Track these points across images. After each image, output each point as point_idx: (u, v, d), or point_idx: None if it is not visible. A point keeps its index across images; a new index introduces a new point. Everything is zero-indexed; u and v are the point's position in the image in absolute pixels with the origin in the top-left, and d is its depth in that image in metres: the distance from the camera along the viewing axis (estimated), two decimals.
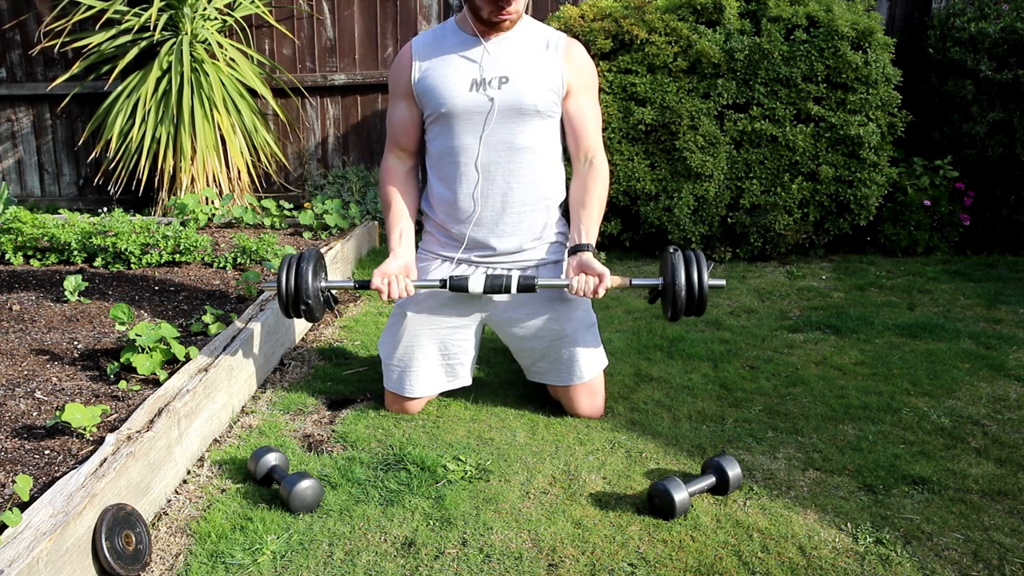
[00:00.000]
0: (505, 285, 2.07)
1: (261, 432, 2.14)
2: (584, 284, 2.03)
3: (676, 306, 2.03)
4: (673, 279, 2.02)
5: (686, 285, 2.01)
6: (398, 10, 4.82)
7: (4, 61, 5.09)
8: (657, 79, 3.81)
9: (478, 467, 1.94)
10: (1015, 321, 3.02)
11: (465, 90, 2.07)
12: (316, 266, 2.11)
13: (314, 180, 5.03)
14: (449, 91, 2.07)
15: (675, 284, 2.01)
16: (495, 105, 2.07)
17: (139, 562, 1.54)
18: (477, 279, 2.08)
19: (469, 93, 2.07)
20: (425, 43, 2.15)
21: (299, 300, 2.08)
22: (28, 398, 2.03)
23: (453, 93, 2.07)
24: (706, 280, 2.01)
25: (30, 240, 3.44)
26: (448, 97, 2.07)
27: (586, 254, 2.10)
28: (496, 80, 2.07)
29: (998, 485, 1.84)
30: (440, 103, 2.08)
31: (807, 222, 3.89)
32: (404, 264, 2.13)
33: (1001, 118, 3.91)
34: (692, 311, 2.04)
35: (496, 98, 2.06)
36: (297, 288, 2.07)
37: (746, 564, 1.57)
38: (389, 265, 2.11)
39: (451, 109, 2.08)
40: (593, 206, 2.16)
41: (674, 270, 2.02)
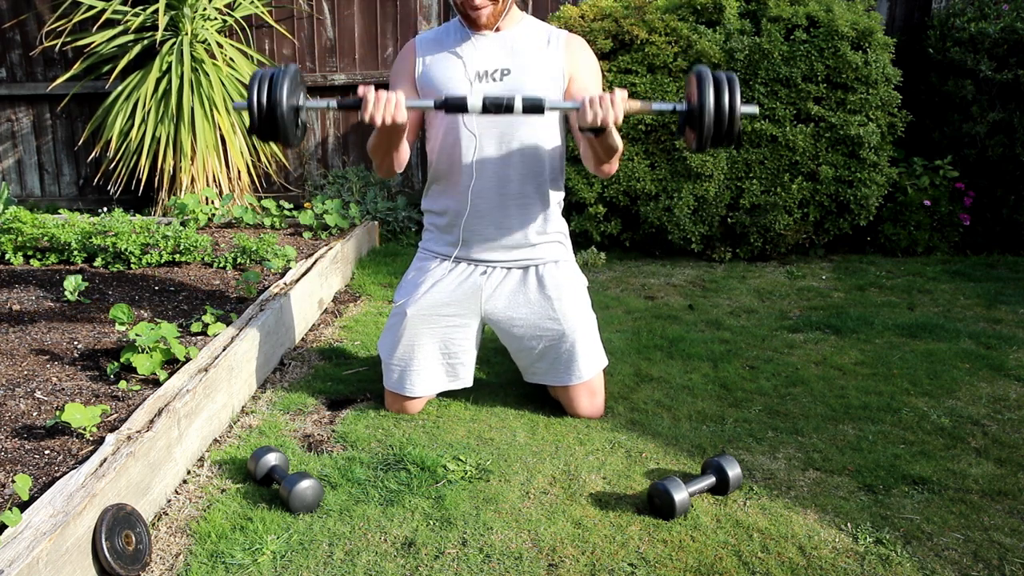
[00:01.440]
0: (507, 104, 1.83)
1: (261, 432, 2.14)
2: (598, 103, 1.80)
3: (703, 134, 1.77)
4: (701, 102, 1.75)
5: (715, 109, 1.74)
6: (398, 10, 4.82)
7: (4, 61, 5.09)
8: (657, 79, 3.81)
9: (478, 467, 1.94)
10: (1015, 321, 3.02)
11: (466, 83, 2.09)
12: (292, 82, 1.85)
13: (314, 180, 5.03)
14: (450, 83, 2.09)
15: (703, 107, 1.75)
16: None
17: (139, 562, 1.54)
18: (476, 95, 1.85)
19: (470, 85, 2.08)
20: (428, 39, 2.17)
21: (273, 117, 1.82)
22: (28, 398, 2.03)
23: (454, 86, 2.09)
24: (738, 104, 1.75)
25: (30, 240, 3.44)
26: (449, 89, 2.09)
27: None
28: (498, 72, 2.09)
29: (998, 485, 1.84)
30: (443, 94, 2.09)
31: (807, 222, 3.89)
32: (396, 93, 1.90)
33: (1001, 118, 3.91)
34: (721, 140, 1.79)
35: (497, 90, 2.08)
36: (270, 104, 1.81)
37: (746, 564, 1.57)
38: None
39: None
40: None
41: (701, 92, 1.75)
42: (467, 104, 1.84)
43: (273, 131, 1.84)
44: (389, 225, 4.50)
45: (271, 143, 4.67)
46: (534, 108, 1.83)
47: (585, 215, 3.98)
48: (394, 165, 2.13)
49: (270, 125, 1.83)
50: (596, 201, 3.94)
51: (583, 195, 3.90)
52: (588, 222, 3.99)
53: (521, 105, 1.82)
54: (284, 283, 2.93)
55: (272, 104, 1.80)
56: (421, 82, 2.15)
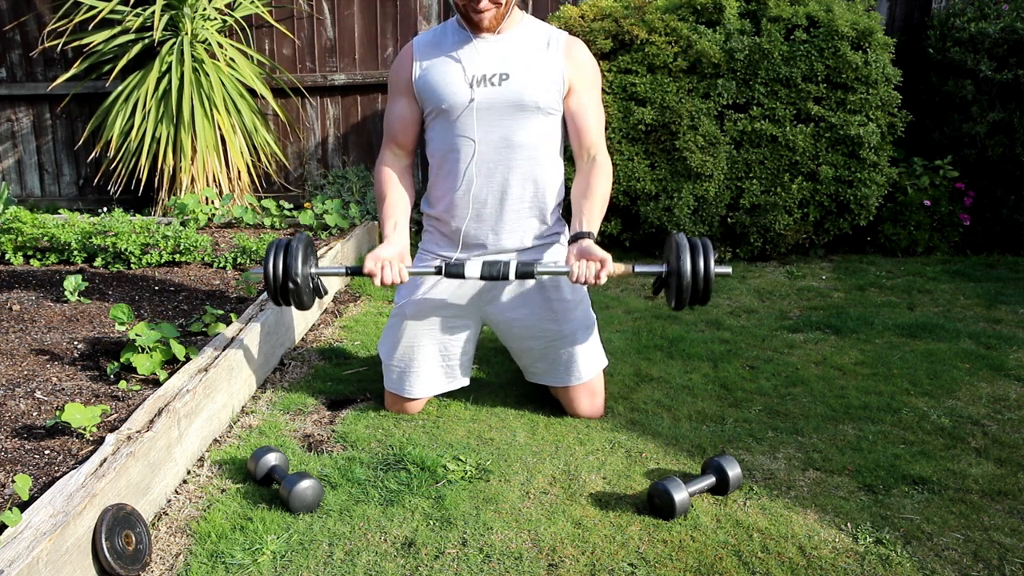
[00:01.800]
0: (503, 272, 1.98)
1: (261, 432, 2.14)
2: (585, 270, 1.94)
3: (681, 295, 1.92)
4: (679, 267, 1.90)
5: (691, 273, 1.89)
6: (398, 10, 4.82)
7: (4, 61, 5.09)
8: (657, 79, 3.81)
9: (478, 467, 1.94)
10: (1015, 321, 3.02)
11: (465, 87, 2.07)
12: (305, 251, 2.03)
13: (314, 180, 5.03)
14: (449, 88, 2.08)
15: (680, 272, 1.89)
16: (495, 102, 2.07)
17: (139, 562, 1.54)
18: (474, 265, 1.99)
19: (469, 90, 2.07)
20: (426, 42, 2.16)
21: (287, 286, 1.99)
22: (28, 398, 2.03)
23: (453, 90, 2.08)
24: (712, 268, 1.90)
25: (30, 240, 3.44)
26: (448, 94, 2.08)
27: (587, 241, 2.02)
28: (496, 76, 2.07)
29: (998, 485, 1.84)
30: (440, 100, 2.09)
31: (807, 222, 3.89)
32: (398, 251, 2.07)
33: (1001, 118, 3.91)
34: (697, 300, 1.93)
35: (496, 95, 2.07)
36: (285, 274, 1.97)
37: (746, 564, 1.57)
38: (383, 250, 2.04)
39: (451, 106, 2.08)
40: (596, 198, 2.10)
41: (679, 257, 1.90)
42: (464, 272, 2.00)
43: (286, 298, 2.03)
44: None
45: (271, 144, 4.67)
46: (526, 275, 2.00)
47: None
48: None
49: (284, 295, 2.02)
50: None
51: None
52: None
53: (515, 272, 1.99)
54: None
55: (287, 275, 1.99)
56: (419, 87, 2.13)
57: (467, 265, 2.00)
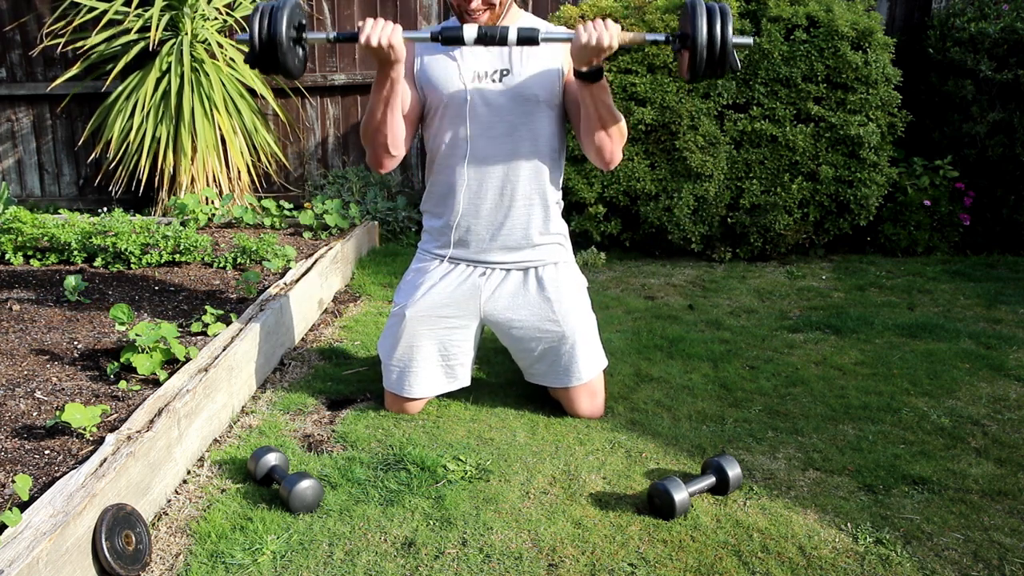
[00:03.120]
0: (501, 35, 1.88)
1: (261, 432, 2.14)
2: (592, 29, 1.84)
3: (696, 63, 1.81)
4: (694, 32, 1.79)
5: (708, 38, 1.79)
6: (398, 10, 4.82)
7: (4, 61, 5.09)
8: (657, 79, 3.81)
9: (478, 467, 1.94)
10: (1015, 321, 3.02)
11: (466, 82, 2.08)
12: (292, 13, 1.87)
13: (314, 180, 5.04)
14: (449, 85, 2.09)
15: (696, 36, 1.79)
16: (496, 97, 2.08)
17: (139, 562, 1.54)
18: (470, 29, 1.88)
19: (469, 85, 2.08)
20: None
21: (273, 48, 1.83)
22: (28, 398, 2.03)
23: (453, 86, 2.09)
24: (730, 35, 1.79)
25: (30, 240, 3.44)
26: (448, 90, 2.09)
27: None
28: (497, 73, 2.09)
29: (998, 485, 1.84)
30: (440, 95, 2.10)
31: (807, 222, 3.89)
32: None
33: (1001, 118, 3.91)
34: (714, 70, 1.83)
35: (497, 91, 2.08)
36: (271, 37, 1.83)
37: (746, 564, 1.57)
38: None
39: (451, 102, 2.09)
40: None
41: (694, 22, 1.79)
42: (463, 36, 1.88)
43: (273, 61, 1.85)
44: (389, 225, 4.50)
45: (271, 144, 4.67)
46: (529, 39, 1.88)
47: (585, 215, 3.98)
48: (388, 144, 2.05)
49: (270, 55, 1.84)
50: (596, 201, 3.94)
51: (583, 195, 3.91)
52: (588, 222, 3.99)
53: (515, 36, 1.87)
54: (284, 283, 2.93)
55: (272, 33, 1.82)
56: (420, 80, 2.15)
57: (465, 29, 1.89)
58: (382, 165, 2.13)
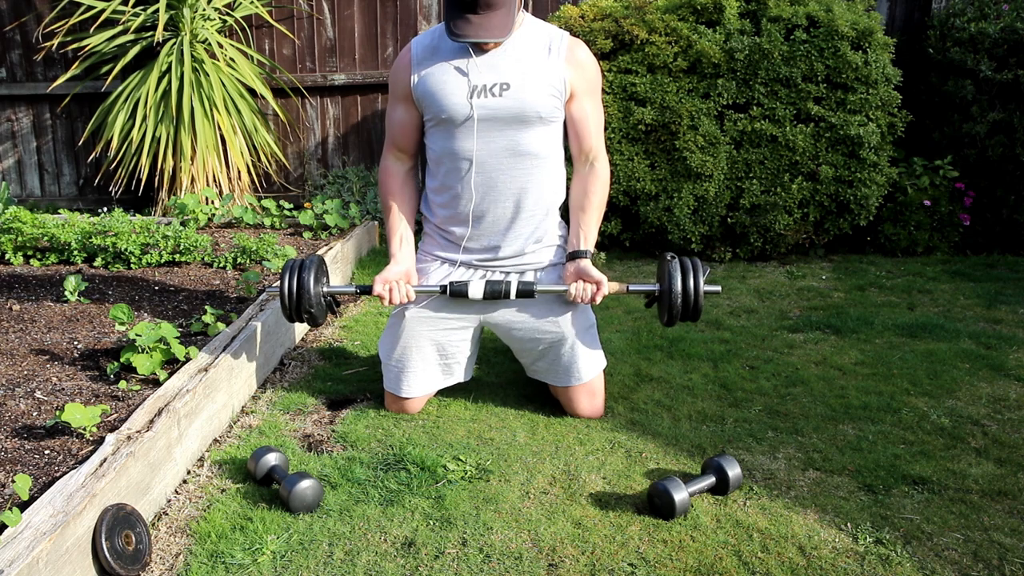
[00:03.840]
0: (504, 291, 2.11)
1: (261, 432, 2.14)
2: (582, 291, 2.09)
3: (672, 312, 2.08)
4: (670, 286, 2.07)
5: (682, 292, 2.06)
6: (398, 10, 4.82)
7: (4, 61, 5.09)
8: (657, 79, 3.81)
9: (478, 467, 1.94)
10: (1015, 321, 3.02)
11: (464, 97, 2.04)
12: (318, 272, 2.16)
13: (314, 180, 5.03)
14: (448, 98, 2.05)
15: (671, 291, 2.06)
16: (496, 112, 2.05)
17: (139, 562, 1.54)
18: (476, 286, 2.12)
19: (469, 100, 2.04)
20: (424, 46, 2.12)
21: (302, 307, 2.13)
22: (28, 398, 2.03)
23: (453, 100, 2.05)
24: (702, 287, 2.06)
25: (30, 240, 3.44)
26: (447, 104, 2.05)
27: (584, 260, 2.13)
28: (497, 87, 2.04)
29: (998, 485, 1.84)
30: (440, 110, 2.07)
31: (807, 222, 3.89)
32: (405, 270, 2.17)
33: (1001, 118, 3.91)
34: (687, 317, 2.09)
35: (497, 105, 2.04)
36: (299, 295, 2.12)
37: (746, 564, 1.57)
38: (390, 271, 2.14)
39: (451, 116, 2.06)
40: (592, 210, 2.17)
41: (670, 277, 2.07)
42: (468, 293, 2.12)
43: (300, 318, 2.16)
44: None
45: (271, 144, 4.67)
46: (526, 294, 2.12)
47: None
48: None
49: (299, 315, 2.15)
50: None
51: None
52: None
53: (515, 291, 2.11)
54: None
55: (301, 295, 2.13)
56: (417, 94, 2.10)
57: (471, 286, 2.11)
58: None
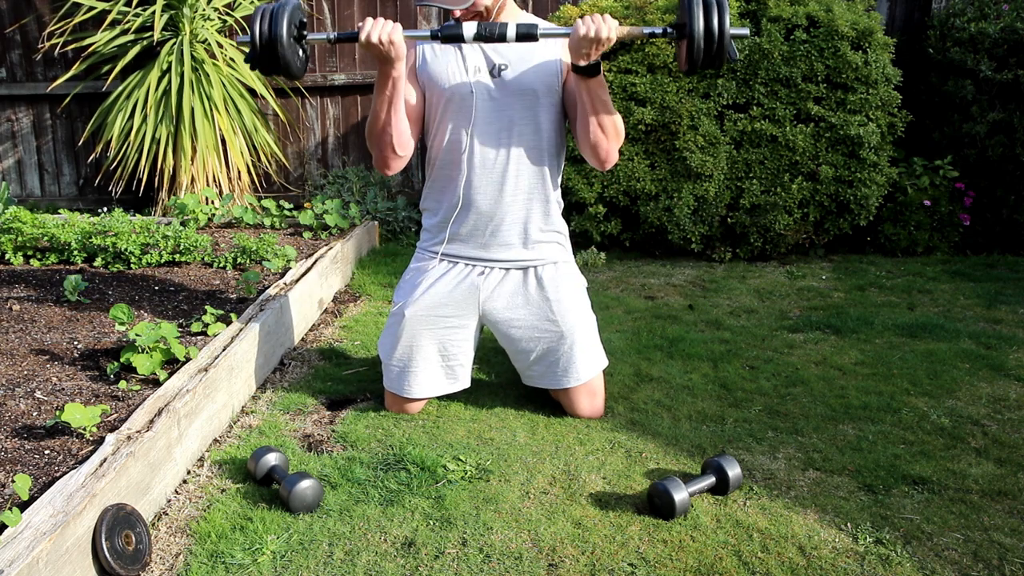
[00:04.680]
0: (499, 32, 1.91)
1: (261, 432, 2.14)
2: (589, 22, 1.87)
3: (693, 54, 1.83)
4: (691, 23, 1.81)
5: (705, 31, 1.80)
6: (398, 10, 4.82)
7: (4, 61, 5.09)
8: (657, 79, 3.81)
9: (478, 467, 1.94)
10: (1015, 321, 3.02)
11: (465, 78, 2.11)
12: (292, 13, 1.89)
13: (314, 180, 5.03)
14: (450, 79, 2.11)
15: (693, 28, 1.81)
16: (495, 92, 2.10)
17: (139, 562, 1.54)
18: (469, 26, 1.91)
19: (469, 80, 2.11)
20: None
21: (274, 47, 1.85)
22: (28, 398, 2.03)
23: (454, 82, 2.11)
24: (728, 26, 1.81)
25: (30, 240, 3.44)
26: (449, 85, 2.11)
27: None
28: (496, 67, 2.12)
29: (998, 485, 1.84)
30: (442, 91, 2.12)
31: (807, 222, 3.89)
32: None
33: (1001, 118, 3.91)
34: (711, 61, 1.84)
35: (496, 85, 2.11)
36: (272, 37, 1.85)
37: (746, 564, 1.57)
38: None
39: (452, 96, 2.11)
40: None
41: (691, 13, 1.81)
42: (463, 34, 1.90)
43: (274, 61, 1.87)
44: (389, 225, 4.50)
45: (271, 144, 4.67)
46: (528, 36, 1.91)
47: (585, 215, 3.98)
48: (394, 143, 2.08)
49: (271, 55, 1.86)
50: (596, 201, 3.94)
51: (583, 195, 3.91)
52: (588, 222, 3.99)
53: (514, 33, 1.91)
54: (284, 283, 2.93)
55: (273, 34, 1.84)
56: (422, 77, 2.17)
57: (464, 27, 1.91)
58: (389, 166, 2.15)
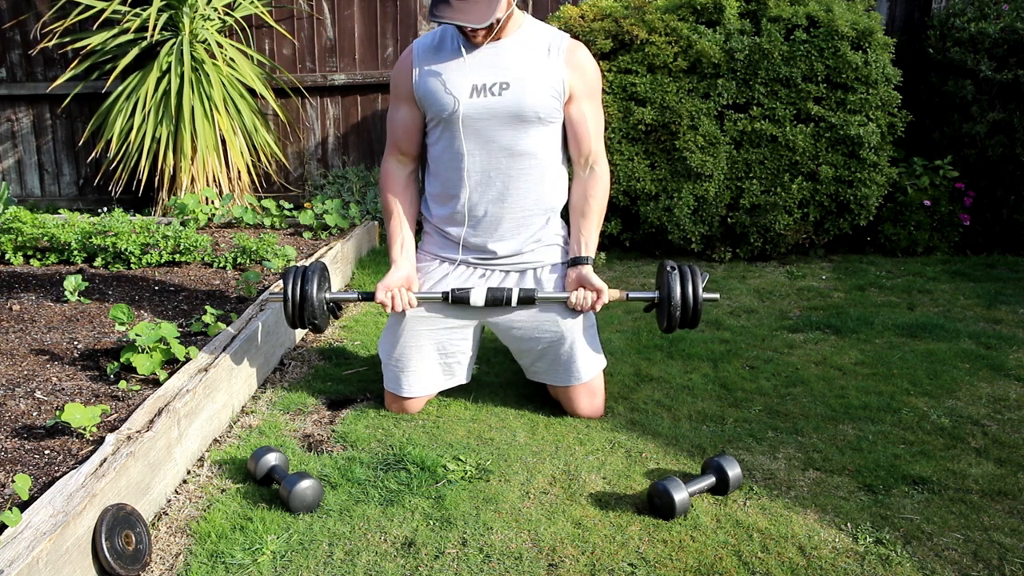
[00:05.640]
0: (506, 299, 2.13)
1: (261, 432, 2.14)
2: (583, 299, 2.12)
3: (671, 320, 2.13)
4: (669, 294, 2.11)
5: (681, 300, 2.10)
6: (398, 10, 4.82)
7: (4, 61, 5.09)
8: (657, 79, 3.81)
9: (478, 467, 1.94)
10: (1015, 321, 3.02)
11: (465, 96, 2.06)
12: (320, 279, 2.18)
13: (314, 180, 5.03)
14: (449, 97, 2.06)
15: (671, 299, 2.11)
16: (495, 111, 2.06)
17: (139, 562, 1.54)
18: (478, 293, 2.13)
19: (469, 99, 2.06)
20: (426, 47, 2.14)
21: (305, 315, 2.15)
22: (28, 398, 2.03)
23: (453, 99, 2.06)
24: (700, 294, 2.10)
25: (30, 240, 3.44)
26: (448, 103, 2.06)
27: (586, 267, 2.16)
28: (496, 86, 2.05)
29: (998, 485, 1.84)
30: (441, 108, 2.08)
31: (807, 222, 3.89)
32: (406, 275, 2.18)
33: (1001, 118, 3.91)
34: (686, 324, 2.13)
35: (496, 104, 2.05)
36: (303, 305, 2.14)
37: (746, 564, 1.57)
38: (392, 278, 2.16)
39: (452, 115, 2.07)
40: (593, 215, 2.18)
41: (670, 286, 2.11)
42: (470, 300, 2.13)
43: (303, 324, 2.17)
44: None
45: (271, 144, 4.67)
46: (528, 300, 2.13)
47: None
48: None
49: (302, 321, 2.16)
50: None
51: None
52: None
53: (517, 298, 2.13)
54: None
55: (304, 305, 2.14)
56: (419, 93, 2.12)
57: (472, 293, 2.13)
58: None
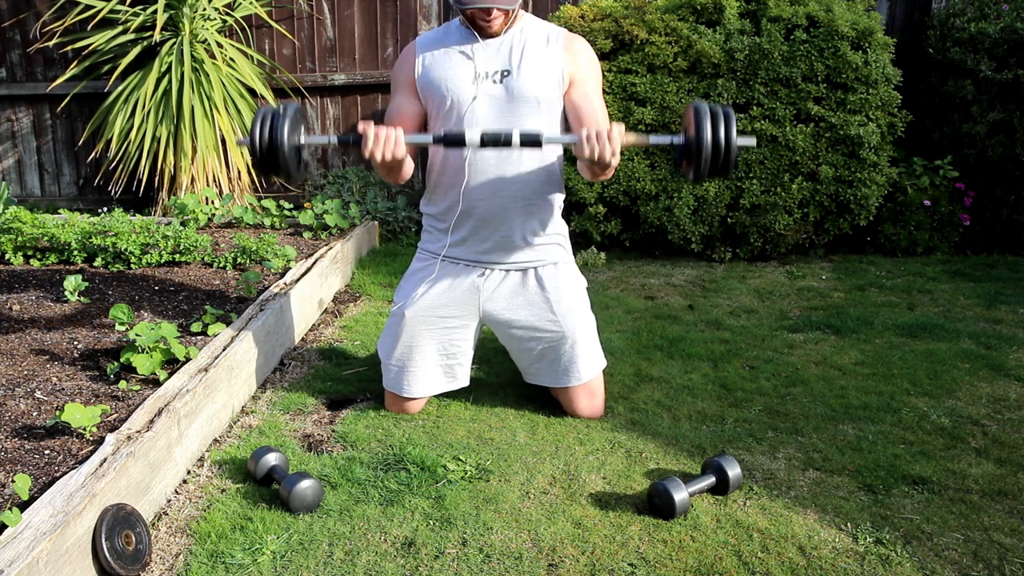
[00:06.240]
0: (504, 139, 1.87)
1: (261, 432, 2.14)
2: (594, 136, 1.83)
3: (700, 166, 1.79)
4: (699, 136, 1.77)
5: (712, 143, 1.76)
6: (398, 10, 4.82)
7: (4, 61, 5.09)
8: (657, 79, 3.81)
9: (478, 467, 1.94)
10: (1015, 321, 3.02)
11: (467, 83, 2.09)
12: (293, 121, 1.90)
13: (314, 180, 5.03)
14: (451, 84, 2.10)
15: (699, 142, 1.77)
16: (496, 98, 2.09)
17: (139, 562, 1.54)
18: (474, 131, 1.89)
19: (471, 86, 2.09)
20: (428, 40, 2.18)
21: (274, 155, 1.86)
22: (28, 398, 2.03)
23: (455, 86, 2.09)
24: (734, 138, 1.77)
25: (30, 240, 3.44)
26: (451, 90, 2.09)
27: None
28: (498, 74, 2.09)
29: (998, 485, 1.84)
30: (443, 96, 2.10)
31: (807, 222, 3.89)
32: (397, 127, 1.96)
33: (1001, 118, 3.91)
34: (716, 173, 1.81)
35: (497, 91, 2.09)
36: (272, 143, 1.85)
37: (746, 564, 1.57)
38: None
39: (454, 102, 2.10)
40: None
41: (699, 125, 1.77)
42: (465, 139, 1.87)
43: (275, 167, 1.89)
44: (389, 225, 4.50)
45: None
46: (532, 142, 1.87)
47: (585, 215, 3.98)
48: (399, 180, 2.14)
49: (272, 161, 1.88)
50: (596, 201, 3.94)
51: (583, 195, 3.90)
52: (588, 222, 3.99)
53: (519, 139, 1.86)
54: (284, 283, 2.93)
55: (273, 141, 1.85)
56: (421, 83, 2.15)
57: (467, 133, 1.88)
58: (398, 183, 2.19)
